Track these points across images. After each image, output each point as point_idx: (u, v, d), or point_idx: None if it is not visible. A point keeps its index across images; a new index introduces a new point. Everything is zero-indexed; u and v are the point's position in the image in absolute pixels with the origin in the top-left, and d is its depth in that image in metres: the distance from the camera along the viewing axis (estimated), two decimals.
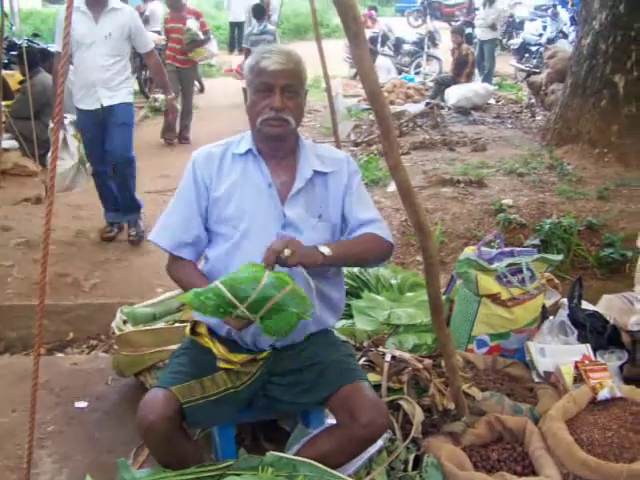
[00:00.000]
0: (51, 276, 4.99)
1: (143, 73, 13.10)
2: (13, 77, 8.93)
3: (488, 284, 3.38)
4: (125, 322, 3.55)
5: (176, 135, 10.06)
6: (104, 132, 5.43)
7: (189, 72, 9.98)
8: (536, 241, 5.08)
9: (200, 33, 9.72)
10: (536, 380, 3.24)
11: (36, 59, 7.93)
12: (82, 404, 3.55)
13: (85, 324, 4.63)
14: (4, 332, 4.51)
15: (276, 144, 2.50)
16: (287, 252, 2.22)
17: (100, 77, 5.26)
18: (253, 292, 2.17)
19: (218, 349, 2.43)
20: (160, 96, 10.77)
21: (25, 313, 4.41)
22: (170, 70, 9.39)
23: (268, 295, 2.18)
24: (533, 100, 11.75)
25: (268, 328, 2.24)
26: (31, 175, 7.63)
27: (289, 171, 2.53)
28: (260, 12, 11.29)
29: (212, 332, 2.49)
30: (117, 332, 3.50)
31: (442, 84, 12.36)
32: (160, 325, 3.56)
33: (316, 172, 2.53)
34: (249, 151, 2.53)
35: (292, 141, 2.56)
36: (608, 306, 3.84)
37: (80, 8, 5.09)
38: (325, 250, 2.31)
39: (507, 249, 3.64)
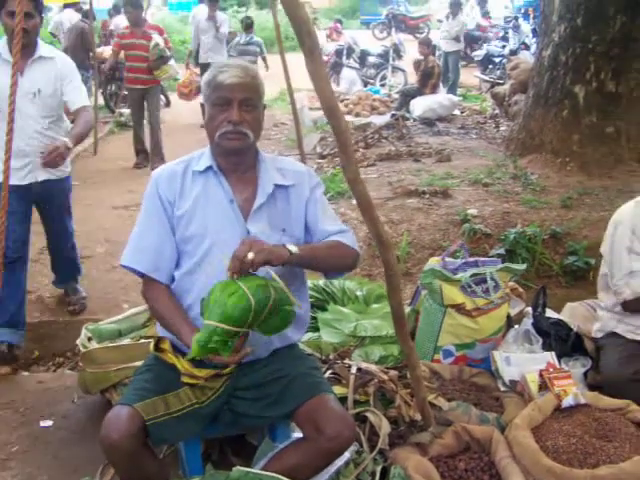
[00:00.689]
0: None
1: (108, 87, 13.01)
2: None
3: (452, 294, 3.40)
4: (90, 339, 3.52)
5: (146, 157, 9.29)
6: (38, 213, 4.50)
7: (155, 90, 9.16)
8: (501, 251, 5.12)
9: (166, 49, 9.06)
10: (502, 389, 3.27)
11: None
12: (47, 423, 3.50)
13: (51, 342, 4.58)
14: None
15: (235, 158, 2.50)
16: (250, 255, 2.20)
17: (33, 145, 4.14)
18: (249, 313, 2.19)
19: (182, 364, 2.41)
20: (126, 111, 10.54)
21: None
22: (133, 95, 9.09)
23: (262, 304, 2.21)
24: (497, 111, 11.87)
25: (267, 330, 2.30)
26: None
27: (250, 186, 2.53)
28: (248, 24, 12.50)
29: (176, 348, 2.48)
30: (82, 349, 3.46)
31: (407, 95, 12.43)
32: (126, 341, 3.54)
33: (277, 186, 2.54)
34: (209, 168, 2.52)
35: (252, 155, 2.56)
36: (572, 314, 3.89)
37: (2, 55, 4.03)
38: (292, 248, 2.32)
39: (471, 259, 3.68)
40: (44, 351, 4.53)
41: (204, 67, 11.44)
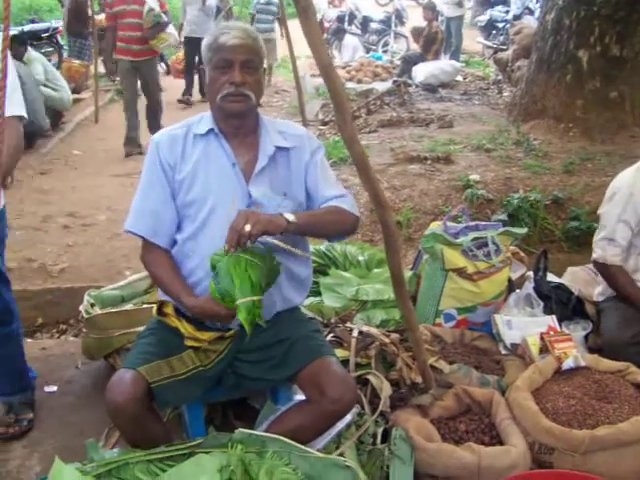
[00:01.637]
0: (18, 261, 4.96)
1: None
2: None
3: (454, 258, 3.40)
4: (93, 305, 3.54)
5: (139, 145, 8.35)
6: None
7: (151, 63, 8.25)
8: (503, 216, 5.12)
9: (163, 15, 8.05)
10: (503, 352, 3.28)
11: None
12: (52, 388, 3.53)
13: (54, 309, 4.60)
14: None
15: (237, 121, 2.49)
16: (248, 227, 2.20)
17: None
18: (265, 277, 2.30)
19: (185, 328, 2.43)
20: None
21: None
22: (123, 67, 8.15)
23: (269, 266, 2.33)
24: (500, 77, 11.80)
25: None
26: None
27: (252, 149, 2.53)
28: None
29: (179, 311, 2.49)
30: (85, 315, 3.48)
31: (409, 62, 12.35)
32: (128, 307, 3.55)
33: (278, 148, 2.53)
34: (210, 131, 2.51)
35: (253, 119, 2.55)
36: (573, 278, 3.90)
37: None
38: (290, 217, 2.32)
39: (472, 223, 3.67)
40: (47, 318, 4.56)
41: (188, 42, 10.92)
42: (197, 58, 10.80)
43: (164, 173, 2.49)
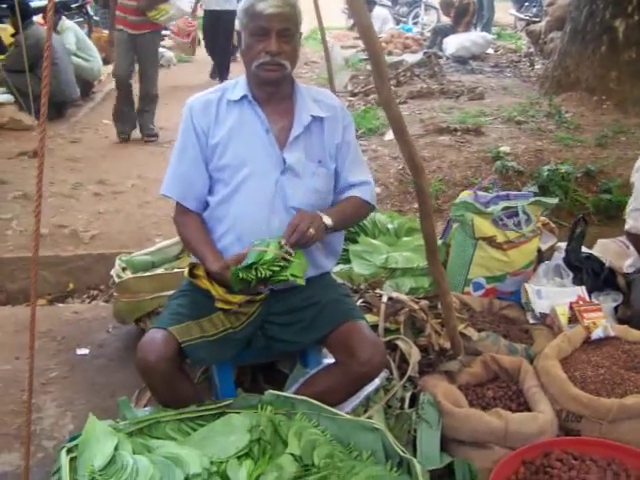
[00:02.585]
0: (50, 228, 5.02)
1: None
2: (5, 30, 8.86)
3: (484, 227, 3.39)
4: (124, 269, 3.57)
5: (132, 127, 7.59)
6: None
7: (148, 39, 7.10)
8: (533, 188, 5.07)
9: None
10: (531, 321, 3.28)
11: (29, 11, 7.85)
12: (84, 351, 3.59)
13: (85, 275, 4.66)
14: (5, 284, 4.54)
15: (271, 88, 2.50)
16: (312, 231, 2.31)
17: None
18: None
19: (216, 290, 2.45)
20: None
21: (25, 265, 4.41)
22: (119, 38, 7.09)
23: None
24: (532, 49, 11.63)
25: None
26: (27, 129, 7.60)
27: (286, 116, 2.54)
28: None
29: (210, 274, 2.51)
30: (116, 279, 3.51)
31: (440, 34, 12.22)
32: (159, 271, 3.58)
33: (314, 117, 2.54)
34: (244, 97, 2.52)
35: (288, 85, 2.56)
36: (603, 250, 3.87)
37: None
38: (328, 222, 2.41)
39: (503, 193, 3.65)
40: (78, 284, 4.62)
41: (209, 16, 10.30)
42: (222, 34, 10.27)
43: (197, 138, 2.51)
